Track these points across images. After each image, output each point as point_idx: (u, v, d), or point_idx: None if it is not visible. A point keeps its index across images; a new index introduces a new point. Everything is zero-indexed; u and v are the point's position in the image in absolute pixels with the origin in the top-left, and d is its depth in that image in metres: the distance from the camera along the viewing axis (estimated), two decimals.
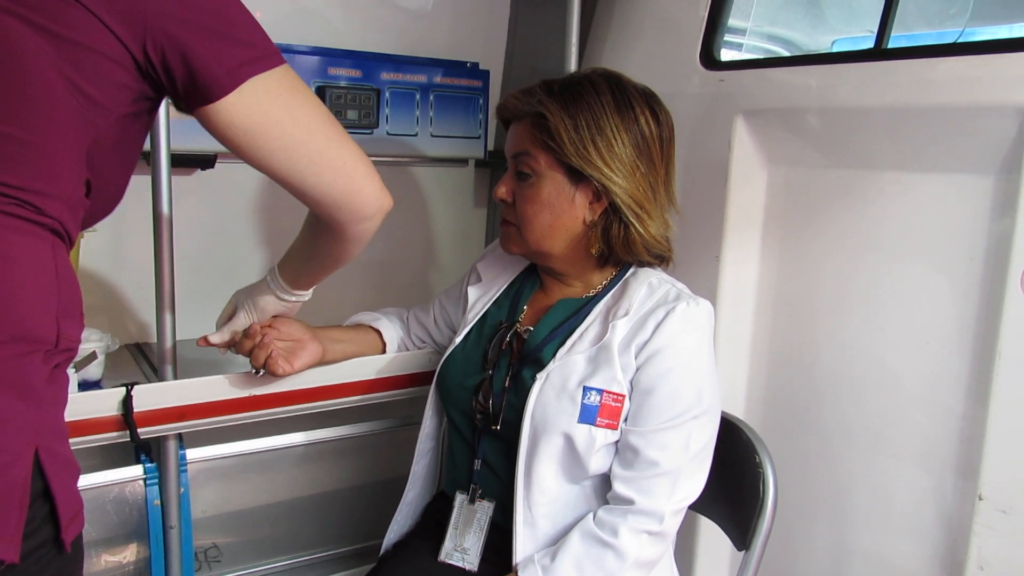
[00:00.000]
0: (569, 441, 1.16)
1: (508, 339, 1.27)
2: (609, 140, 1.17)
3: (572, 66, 1.67)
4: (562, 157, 1.18)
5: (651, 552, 1.16)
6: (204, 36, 0.82)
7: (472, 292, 1.38)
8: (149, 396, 1.28)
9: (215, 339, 1.28)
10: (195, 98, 0.84)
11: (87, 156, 0.80)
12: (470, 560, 1.25)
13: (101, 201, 0.87)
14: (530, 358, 1.23)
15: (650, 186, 1.20)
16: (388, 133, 1.82)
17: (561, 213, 1.21)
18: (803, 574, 1.52)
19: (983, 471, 1.21)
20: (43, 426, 0.76)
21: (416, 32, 1.91)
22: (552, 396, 1.17)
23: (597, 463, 1.17)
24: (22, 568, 0.70)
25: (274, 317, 1.30)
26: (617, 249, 1.22)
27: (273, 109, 0.87)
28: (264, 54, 0.86)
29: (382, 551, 1.39)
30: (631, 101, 1.20)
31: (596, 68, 1.26)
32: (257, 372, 1.28)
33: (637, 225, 1.19)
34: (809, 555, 1.51)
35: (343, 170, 0.94)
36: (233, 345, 1.29)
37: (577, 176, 1.19)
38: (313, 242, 1.12)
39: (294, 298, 1.25)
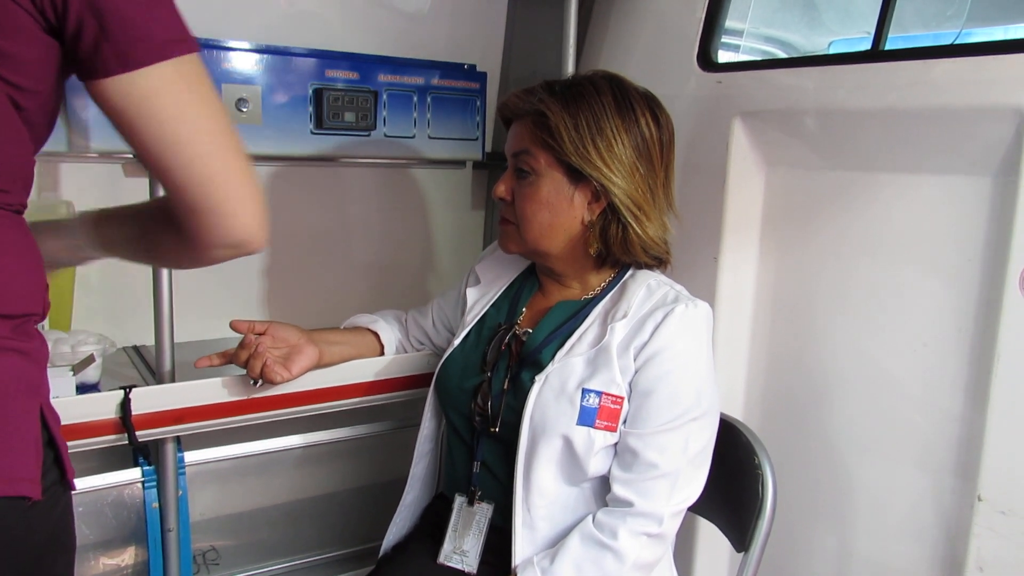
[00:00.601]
0: (568, 443, 1.16)
1: (507, 341, 1.27)
2: (609, 140, 1.17)
3: (569, 68, 1.68)
4: (562, 156, 1.18)
5: (650, 554, 1.16)
6: (104, 9, 0.76)
7: (471, 294, 1.38)
8: (147, 399, 1.28)
9: None
10: (84, 69, 0.79)
11: (31, 135, 0.83)
12: (469, 563, 1.25)
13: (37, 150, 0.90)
14: (529, 360, 1.23)
15: (649, 188, 1.20)
16: (386, 135, 1.82)
17: (560, 212, 1.21)
18: None
19: (982, 472, 1.21)
20: (41, 385, 0.84)
21: (413, 34, 1.91)
22: (551, 398, 1.17)
23: (596, 465, 1.17)
24: (42, 503, 0.81)
25: (269, 323, 1.30)
26: (615, 249, 1.22)
27: (160, 98, 0.80)
28: (169, 40, 0.79)
29: (381, 553, 1.39)
30: (632, 103, 1.20)
31: (598, 70, 1.26)
32: (255, 383, 1.28)
33: (635, 226, 1.19)
34: (808, 557, 1.51)
35: (220, 184, 0.86)
36: (229, 358, 1.29)
37: (576, 176, 1.19)
38: (153, 228, 0.99)
39: (84, 255, 1.08)
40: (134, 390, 1.26)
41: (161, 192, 0.90)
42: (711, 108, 1.56)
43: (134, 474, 1.45)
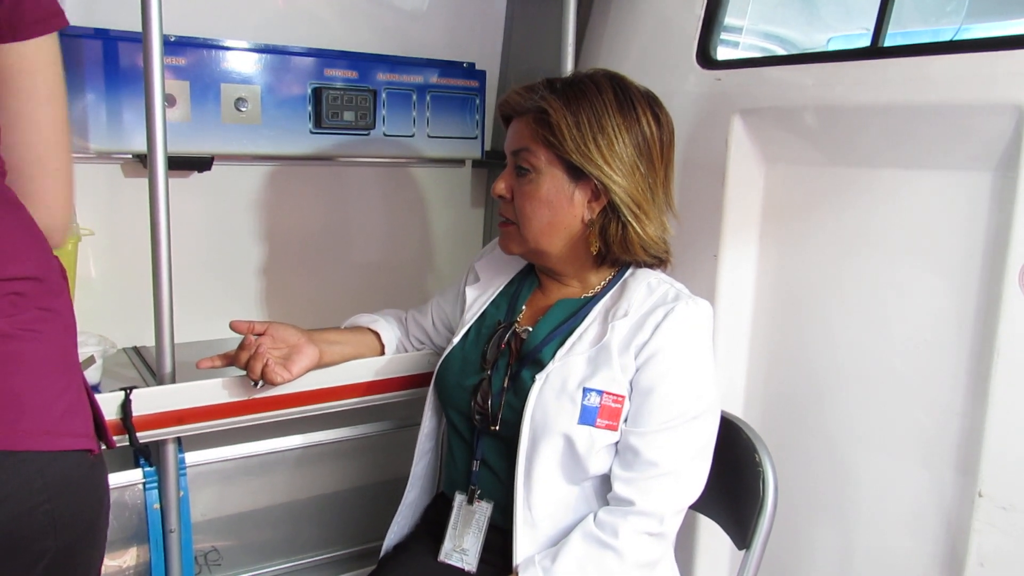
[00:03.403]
0: (569, 442, 1.16)
1: (507, 339, 1.27)
2: (610, 139, 1.17)
3: (568, 66, 1.67)
4: (562, 153, 1.18)
5: (652, 553, 1.16)
6: None
7: (470, 292, 1.38)
8: (148, 400, 1.28)
9: None
10: None
11: None
12: (469, 561, 1.25)
13: None
14: (529, 359, 1.23)
15: (649, 187, 1.20)
16: (385, 134, 1.82)
17: (560, 210, 1.21)
18: (803, 572, 1.52)
19: (982, 468, 1.21)
20: (77, 358, 0.93)
21: (412, 33, 1.91)
22: (552, 397, 1.17)
23: (597, 464, 1.17)
24: (99, 462, 0.92)
25: (269, 323, 1.30)
26: (615, 248, 1.22)
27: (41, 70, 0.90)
28: (56, 12, 0.89)
29: (382, 553, 1.39)
30: (633, 102, 1.20)
31: (599, 68, 1.26)
32: (255, 384, 1.28)
33: (635, 225, 1.19)
34: (809, 553, 1.51)
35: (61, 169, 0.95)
36: (230, 360, 1.29)
37: (577, 173, 1.19)
38: None
39: None
40: (135, 391, 1.26)
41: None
42: (710, 105, 1.56)
43: (135, 475, 1.45)
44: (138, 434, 1.27)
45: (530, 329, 1.27)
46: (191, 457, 1.54)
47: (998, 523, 1.20)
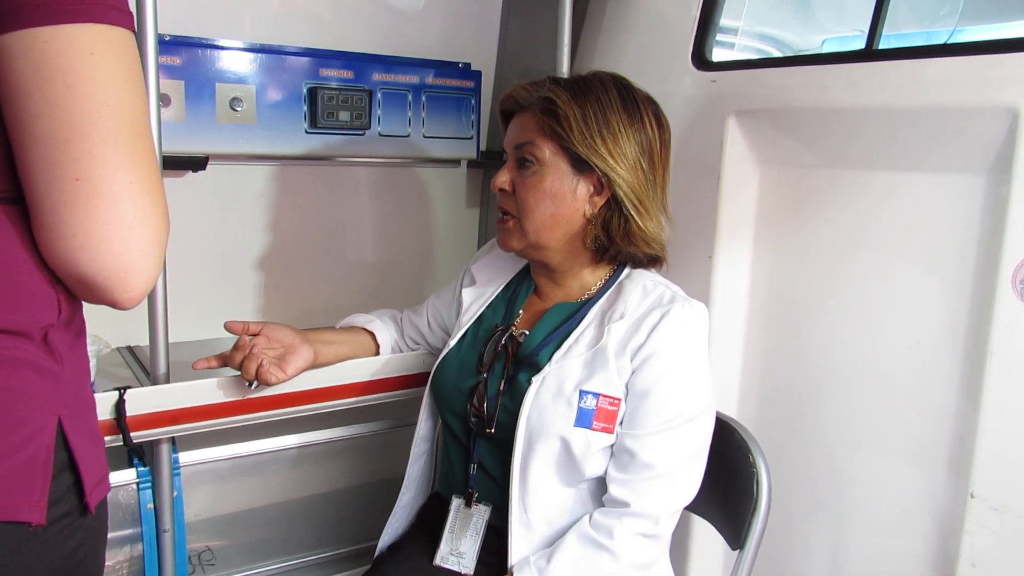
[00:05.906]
0: (565, 445, 1.16)
1: (503, 342, 1.27)
2: (615, 134, 1.18)
3: (564, 66, 1.68)
4: (568, 144, 1.19)
5: (647, 554, 1.16)
6: None
7: (467, 294, 1.38)
8: (142, 400, 1.28)
9: None
10: None
11: None
12: (466, 564, 1.25)
13: None
14: (526, 362, 1.23)
15: (650, 186, 1.21)
16: (380, 134, 1.82)
17: (563, 203, 1.21)
18: (797, 572, 1.52)
19: (975, 469, 1.21)
20: (64, 397, 0.75)
21: (407, 33, 1.91)
22: (548, 400, 1.17)
23: (593, 466, 1.17)
24: (50, 533, 0.73)
25: (263, 324, 1.29)
26: (617, 239, 1.22)
27: (40, 72, 0.65)
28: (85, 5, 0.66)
29: (377, 553, 1.39)
30: (637, 102, 1.21)
31: (600, 70, 1.26)
32: (250, 384, 1.28)
33: (637, 219, 1.20)
34: (802, 553, 1.51)
35: (104, 218, 0.70)
36: (225, 360, 1.28)
37: (581, 166, 1.20)
38: None
39: None
40: (129, 391, 1.26)
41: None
42: (705, 107, 1.56)
43: (129, 475, 1.45)
44: (132, 434, 1.27)
45: (527, 332, 1.27)
46: (185, 457, 1.54)
47: (990, 524, 1.21)
